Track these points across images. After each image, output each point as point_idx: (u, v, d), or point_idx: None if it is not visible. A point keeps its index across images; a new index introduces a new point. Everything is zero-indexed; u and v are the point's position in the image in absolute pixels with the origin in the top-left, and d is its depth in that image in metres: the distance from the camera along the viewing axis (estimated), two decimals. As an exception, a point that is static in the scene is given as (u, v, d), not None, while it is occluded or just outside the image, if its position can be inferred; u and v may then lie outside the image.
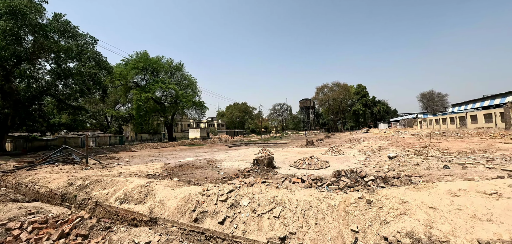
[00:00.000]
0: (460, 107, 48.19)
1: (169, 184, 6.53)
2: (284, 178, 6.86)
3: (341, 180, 5.87)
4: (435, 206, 3.74)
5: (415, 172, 7.88)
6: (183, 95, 39.93)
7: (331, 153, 14.90)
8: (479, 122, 33.19)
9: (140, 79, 40.86)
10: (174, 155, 19.36)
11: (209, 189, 5.25)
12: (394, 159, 10.75)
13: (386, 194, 4.26)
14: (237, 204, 4.57)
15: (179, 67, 43.54)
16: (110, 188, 7.09)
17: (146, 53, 38.70)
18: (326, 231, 3.83)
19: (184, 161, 14.29)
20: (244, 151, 20.20)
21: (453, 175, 7.20)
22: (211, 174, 9.49)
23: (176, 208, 5.14)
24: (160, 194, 5.87)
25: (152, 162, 14.78)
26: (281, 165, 11.09)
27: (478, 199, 3.78)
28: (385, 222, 3.67)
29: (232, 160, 14.22)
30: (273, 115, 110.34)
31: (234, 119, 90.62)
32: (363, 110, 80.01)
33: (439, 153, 12.27)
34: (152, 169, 11.56)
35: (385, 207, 3.90)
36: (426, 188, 4.33)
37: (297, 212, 4.16)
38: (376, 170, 8.80)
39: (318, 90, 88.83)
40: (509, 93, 34.35)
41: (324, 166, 10.02)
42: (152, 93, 36.75)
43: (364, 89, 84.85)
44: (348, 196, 4.39)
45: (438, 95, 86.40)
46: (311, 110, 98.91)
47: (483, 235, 3.14)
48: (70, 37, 24.03)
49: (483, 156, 10.60)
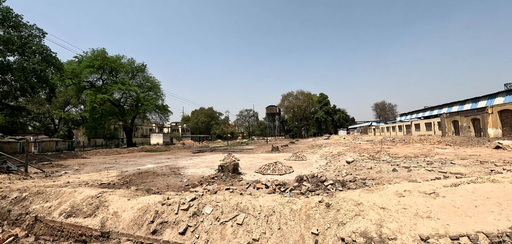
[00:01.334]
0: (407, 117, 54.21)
1: (125, 194, 6.04)
2: (249, 184, 6.87)
3: (303, 185, 6.08)
4: (385, 206, 4.09)
5: (369, 175, 8.56)
6: (145, 98, 37.65)
7: (295, 159, 15.40)
8: (421, 129, 37.59)
9: (96, 79, 37.47)
10: (133, 161, 18.07)
11: (170, 198, 4.99)
12: (352, 163, 11.54)
13: (343, 196, 4.52)
14: (199, 212, 4.41)
15: (142, 68, 41.09)
16: (53, 200, 6.29)
17: (104, 51, 35.65)
18: (288, 236, 3.91)
19: (144, 168, 13.42)
20: (209, 157, 19.76)
21: (400, 177, 8.01)
22: (173, 182, 9.05)
23: (133, 219, 4.77)
24: (114, 205, 5.38)
25: (107, 169, 13.57)
26: (247, 171, 11.10)
27: (419, 199, 4.24)
28: (342, 223, 3.88)
29: (196, 166, 13.79)
30: (239, 121, 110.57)
31: (199, 125, 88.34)
32: (325, 117, 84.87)
33: (389, 158, 13.56)
34: (107, 177, 10.60)
35: (342, 209, 4.13)
36: (378, 190, 4.71)
37: (260, 218, 4.18)
38: (335, 174, 9.34)
39: (283, 97, 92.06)
40: (444, 106, 39.77)
41: (288, 171, 10.30)
42: (110, 95, 33.89)
43: (326, 98, 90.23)
44: (309, 200, 4.55)
45: (389, 106, 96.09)
46: (277, 117, 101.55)
47: (424, 231, 3.51)
48: (11, 27, 21.03)
49: (424, 160, 12.01)
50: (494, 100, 28.54)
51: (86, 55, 35.56)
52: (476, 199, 4.06)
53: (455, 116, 29.31)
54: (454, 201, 4.06)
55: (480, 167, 9.45)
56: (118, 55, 37.81)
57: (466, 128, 27.04)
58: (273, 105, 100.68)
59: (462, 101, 35.42)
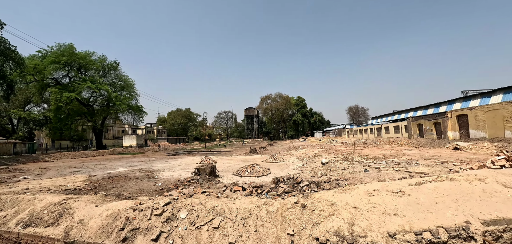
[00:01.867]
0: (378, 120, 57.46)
1: (93, 200, 5.66)
2: (226, 186, 6.79)
3: (280, 186, 6.16)
4: (357, 205, 4.27)
5: (342, 176, 8.91)
6: (118, 98, 35.60)
7: (272, 161, 15.56)
8: (390, 132, 40.03)
9: (62, 75, 34.76)
10: (103, 165, 17.03)
11: (143, 203, 4.77)
12: (327, 164, 11.93)
13: (318, 197, 4.65)
14: (174, 217, 4.27)
15: (114, 66, 38.88)
16: (9, 208, 5.71)
17: (72, 46, 33.14)
18: (265, 237, 3.92)
19: (115, 172, 12.70)
20: (186, 160, 19.26)
21: (371, 177, 8.44)
22: (147, 186, 8.67)
23: (101, 227, 4.48)
24: (80, 212, 5.02)
25: (73, 174, 12.64)
26: (224, 174, 10.98)
27: (388, 197, 4.49)
28: (317, 223, 3.98)
29: (172, 169, 13.36)
30: (218, 122, 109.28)
31: (176, 126, 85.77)
32: (302, 120, 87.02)
33: (362, 159, 14.24)
34: (72, 182, 9.87)
35: (317, 210, 4.24)
36: (350, 190, 4.92)
37: (237, 221, 4.15)
38: (311, 175, 9.59)
39: (262, 100, 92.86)
40: (410, 110, 42.77)
41: (265, 173, 10.37)
42: (78, 94, 31.55)
43: (303, 101, 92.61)
44: (286, 201, 4.62)
45: (362, 109, 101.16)
46: (255, 119, 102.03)
47: (391, 228, 3.73)
48: (-42, 16, 18.80)
49: (393, 160, 12.79)
50: (453, 106, 31.31)
51: (51, 50, 32.84)
52: (437, 197, 4.40)
53: (419, 120, 31.63)
54: (418, 198, 4.37)
55: (441, 166, 10.28)
56: (88, 51, 35.43)
57: (429, 130, 29.30)
58: (252, 108, 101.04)
59: (425, 106, 38.38)
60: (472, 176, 5.23)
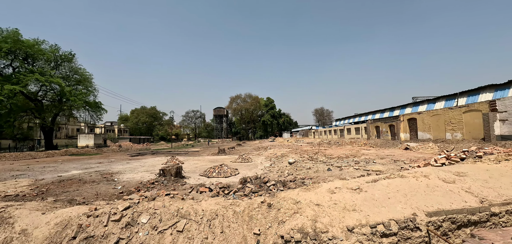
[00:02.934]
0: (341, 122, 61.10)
1: (39, 207, 5.05)
2: (192, 188, 6.60)
3: (247, 187, 6.19)
4: (319, 203, 4.49)
5: (307, 175, 9.28)
6: (72, 93, 32.19)
7: (241, 161, 15.57)
8: (352, 133, 42.82)
9: (4, 65, 30.37)
10: (53, 167, 15.33)
11: (99, 208, 4.39)
12: (293, 164, 12.31)
13: (284, 196, 4.78)
14: (134, 222, 4.01)
15: (69, 58, 35.10)
16: None
17: (17, 32, 29.06)
18: (231, 238, 3.90)
19: (67, 175, 11.52)
20: (150, 161, 18.28)
21: (334, 175, 8.94)
22: (104, 190, 8.02)
23: (48, 237, 4.01)
24: (22, 221, 4.43)
25: (15, 178, 11.15)
26: (191, 175, 10.67)
27: (347, 194, 4.80)
28: (282, 222, 4.09)
29: (134, 171, 12.57)
30: (185, 122, 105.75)
31: (140, 125, 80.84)
32: (271, 121, 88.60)
33: (326, 158, 15.00)
34: (14, 187, 8.71)
35: (282, 208, 4.35)
36: (314, 188, 5.14)
37: (202, 223, 4.06)
38: (278, 175, 9.81)
39: (231, 100, 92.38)
40: (369, 113, 46.34)
41: (233, 173, 10.33)
42: (23, 86, 27.81)
43: (273, 102, 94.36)
44: (252, 201, 4.65)
45: (327, 111, 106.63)
46: (224, 119, 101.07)
47: (350, 222, 3.98)
48: None
49: (353, 160, 13.71)
50: (404, 110, 34.70)
51: (-12, 35, 28.50)
52: (389, 192, 4.82)
53: (377, 123, 34.41)
54: (373, 194, 4.74)
55: (394, 165, 11.31)
56: (36, 40, 31.46)
57: (385, 132, 32.03)
58: (221, 107, 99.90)
59: (382, 110, 41.91)
60: (419, 173, 5.85)
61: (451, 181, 5.30)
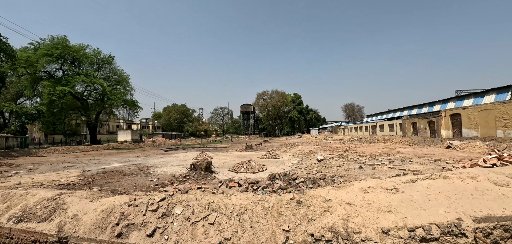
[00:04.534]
0: (373, 118, 58.00)
1: (87, 195, 5.60)
2: (222, 182, 6.79)
3: (276, 183, 6.19)
4: (351, 202, 4.31)
5: (337, 173, 8.98)
6: (112, 92, 35.15)
7: (268, 157, 15.60)
8: (385, 130, 40.44)
9: (56, 69, 34.13)
10: (97, 160, 16.86)
11: (138, 198, 4.73)
12: (322, 161, 12.01)
13: (314, 194, 4.68)
14: (169, 213, 4.25)
15: (109, 60, 38.31)
16: (1, 204, 5.62)
17: (65, 39, 32.50)
18: (260, 233, 3.94)
19: (109, 167, 12.59)
20: (181, 155, 19.18)
21: (366, 174, 8.52)
22: (142, 181, 8.62)
23: (95, 222, 4.44)
24: (74, 208, 4.96)
25: (67, 169, 12.49)
26: (220, 169, 10.98)
27: (382, 194, 4.54)
28: (312, 219, 4.01)
29: (167, 165, 13.29)
30: (214, 118, 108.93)
31: (172, 122, 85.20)
32: (298, 117, 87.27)
33: (357, 156, 14.37)
34: (66, 177, 9.76)
35: (312, 206, 4.27)
36: (345, 187, 4.96)
37: (232, 217, 4.15)
38: (307, 172, 9.65)
39: (258, 96, 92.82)
40: (405, 108, 43.23)
41: (261, 169, 10.40)
42: (71, 87, 31.06)
43: (300, 98, 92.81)
44: (281, 197, 4.64)
45: (357, 107, 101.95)
46: (251, 115, 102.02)
47: (385, 224, 3.77)
48: None
49: (387, 158, 12.94)
50: (446, 105, 31.74)
51: (43, 42, 32.18)
52: (430, 194, 4.46)
53: (414, 119, 31.99)
54: (411, 195, 4.43)
55: (434, 164, 10.43)
56: (81, 45, 34.82)
57: (423, 129, 29.67)
58: (248, 104, 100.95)
59: (420, 105, 38.82)
60: (465, 174, 5.32)
61: (505, 184, 4.74)
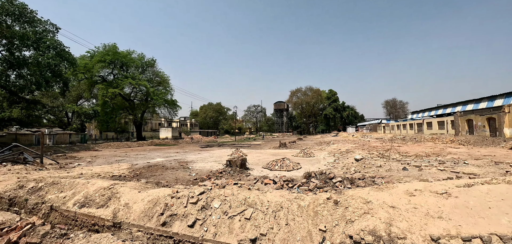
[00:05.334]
0: (418, 115, 52.94)
1: (135, 186, 6.18)
2: (257, 179, 6.90)
3: (311, 181, 6.07)
4: (395, 205, 4.03)
5: (378, 174, 8.44)
6: (155, 93, 38.11)
7: (302, 155, 15.34)
8: (433, 128, 36.65)
9: (107, 73, 38.18)
10: (143, 155, 18.44)
11: (179, 191, 5.08)
12: (360, 161, 11.40)
13: (352, 194, 4.48)
14: (208, 206, 4.48)
15: (152, 63, 41.54)
16: (68, 190, 6.50)
17: (115, 46, 36.22)
18: (295, 231, 3.92)
19: (153, 162, 13.67)
20: (217, 152, 19.92)
21: (411, 176, 7.85)
22: (182, 176, 9.20)
23: (143, 211, 4.89)
24: (125, 197, 5.52)
25: (118, 162, 13.90)
26: (254, 166, 11.15)
27: (431, 198, 4.15)
28: (351, 221, 3.85)
29: (204, 161, 13.94)
30: (247, 116, 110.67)
31: (207, 120, 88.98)
32: (333, 114, 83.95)
33: (400, 156, 13.31)
34: (118, 170, 10.87)
35: (350, 207, 4.10)
36: (387, 189, 4.65)
37: (268, 213, 4.20)
38: (343, 172, 9.25)
39: (292, 93, 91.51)
40: (458, 104, 38.54)
41: (295, 167, 10.28)
42: (121, 89, 34.52)
43: (335, 94, 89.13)
44: (317, 196, 4.54)
45: (400, 103, 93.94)
46: (284, 113, 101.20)
47: (435, 231, 3.45)
48: (26, 22, 21.59)
49: (436, 159, 11.73)
50: (511, 99, 27.45)
51: (97, 50, 36.23)
52: (490, 201, 3.94)
53: (469, 115, 28.40)
54: (467, 201, 3.96)
55: (495, 167, 9.15)
56: (128, 50, 38.34)
57: (480, 127, 26.18)
58: (281, 102, 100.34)
59: (477, 100, 34.24)
60: (537, 179, 4.58)
61: None
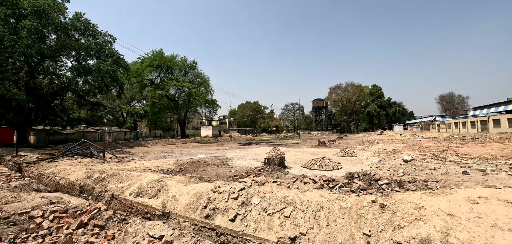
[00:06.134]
0: (482, 111, 45.98)
1: (181, 180, 6.67)
2: (295, 178, 6.83)
3: (354, 182, 5.77)
4: (453, 213, 3.61)
5: (432, 177, 7.61)
6: (196, 93, 40.53)
7: (343, 155, 14.65)
8: (502, 126, 31.54)
9: (155, 76, 41.82)
10: (186, 151, 19.73)
11: (221, 187, 5.32)
12: (410, 162, 10.43)
13: (401, 198, 4.15)
14: (248, 202, 4.61)
15: (193, 66, 44.20)
16: (125, 181, 7.33)
17: (161, 52, 39.53)
18: (337, 233, 3.79)
19: (196, 158, 14.54)
20: (255, 150, 20.26)
21: (473, 181, 6.90)
22: (222, 172, 9.61)
23: (188, 203, 5.25)
24: (172, 190, 6.00)
25: (165, 158, 15.13)
26: (292, 165, 11.05)
27: (499, 208, 3.61)
28: (399, 227, 3.58)
29: (243, 158, 14.31)
30: (285, 114, 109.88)
31: (245, 118, 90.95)
32: (377, 111, 78.04)
33: (458, 158, 11.80)
34: (165, 164, 11.84)
35: (399, 212, 3.80)
36: (444, 194, 4.18)
37: (308, 212, 4.14)
38: (390, 173, 8.58)
39: (331, 90, 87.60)
40: (537, 97, 32.38)
41: (336, 167, 9.88)
42: (166, 91, 37.60)
43: (380, 90, 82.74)
44: (361, 198, 4.31)
45: (458, 98, 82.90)
46: (323, 111, 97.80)
47: (505, 246, 3.00)
48: (89, 35, 24.90)
49: (506, 163, 10.08)
50: None
51: (146, 56, 39.94)
52: None
53: (553, 111, 23.67)
54: (549, 213, 3.34)
55: None
56: (173, 55, 41.42)
57: None
58: (320, 99, 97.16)
59: None
60: None
61: None
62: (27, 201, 6.57)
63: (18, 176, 10.40)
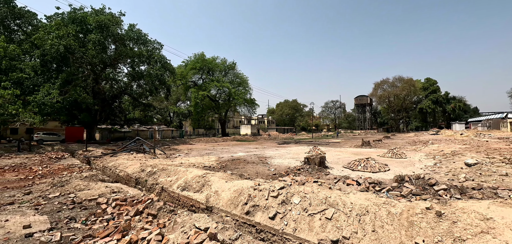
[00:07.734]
0: None
1: (223, 176, 6.97)
2: (337, 179, 6.55)
3: (405, 186, 5.27)
4: (533, 227, 3.05)
5: (503, 184, 6.53)
6: (236, 93, 41.77)
7: (391, 156, 13.49)
8: None
9: (198, 78, 44.36)
10: (227, 149, 20.48)
11: (261, 184, 5.40)
12: (474, 166, 9.11)
13: (463, 207, 3.66)
14: (288, 201, 4.59)
15: (232, 66, 45.63)
16: (173, 176, 7.97)
17: (203, 54, 41.75)
18: (384, 240, 3.53)
19: (236, 156, 15.00)
20: (294, 149, 20.01)
21: (562, 191, 5.70)
22: (261, 170, 9.73)
23: (230, 199, 5.46)
24: (215, 185, 6.31)
25: (208, 155, 15.95)
26: (334, 165, 10.60)
27: None
28: (461, 239, 3.17)
29: (282, 157, 14.26)
30: (325, 113, 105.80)
31: (284, 117, 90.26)
32: (432, 108, 69.63)
33: (541, 163, 9.85)
34: (208, 161, 12.49)
35: (460, 222, 3.37)
36: (520, 205, 3.56)
37: (351, 216, 3.94)
38: (448, 178, 7.62)
39: (376, 86, 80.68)
40: None
41: (382, 169, 9.17)
42: (208, 91, 39.59)
43: (435, 84, 73.62)
44: (413, 204, 3.93)
45: (540, 91, 68.76)
46: (367, 108, 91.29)
47: None
48: (141, 43, 27.72)
49: None
50: None
51: (190, 59, 42.61)
52: None
53: None
54: None
55: None
56: (213, 57, 43.40)
57: None
58: (363, 96, 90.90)
59: None
60: None
61: None
62: (94, 190, 7.62)
63: (88, 167, 12.13)
